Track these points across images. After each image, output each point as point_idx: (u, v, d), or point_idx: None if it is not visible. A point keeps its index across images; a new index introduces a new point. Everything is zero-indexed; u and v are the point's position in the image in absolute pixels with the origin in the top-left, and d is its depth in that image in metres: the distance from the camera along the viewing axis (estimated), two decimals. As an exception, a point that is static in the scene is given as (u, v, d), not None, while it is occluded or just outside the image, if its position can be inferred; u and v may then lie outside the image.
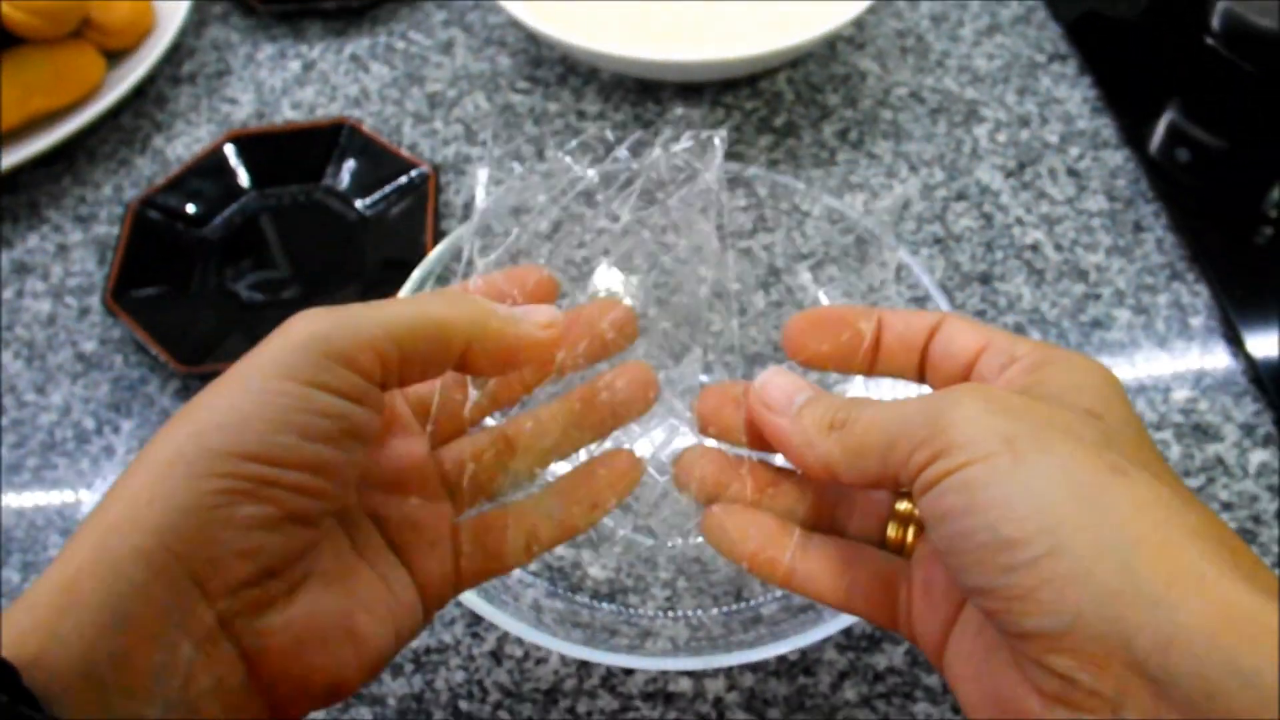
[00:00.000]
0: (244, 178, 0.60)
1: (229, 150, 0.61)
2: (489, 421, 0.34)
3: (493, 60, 0.68)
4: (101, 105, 0.62)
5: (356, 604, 0.26)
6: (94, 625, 0.21)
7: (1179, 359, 0.51)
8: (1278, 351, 0.50)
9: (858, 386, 0.43)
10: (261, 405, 0.23)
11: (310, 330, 0.25)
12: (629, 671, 0.42)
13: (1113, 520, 0.22)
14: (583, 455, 0.34)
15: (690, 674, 0.42)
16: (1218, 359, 0.51)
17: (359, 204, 0.59)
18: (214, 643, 0.23)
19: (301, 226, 0.59)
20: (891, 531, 0.30)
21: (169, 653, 0.22)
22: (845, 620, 0.35)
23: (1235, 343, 0.51)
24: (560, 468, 0.33)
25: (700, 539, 0.43)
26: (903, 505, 0.30)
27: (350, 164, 0.61)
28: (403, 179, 0.59)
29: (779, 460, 0.32)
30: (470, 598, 0.35)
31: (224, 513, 0.23)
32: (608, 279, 0.38)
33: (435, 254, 0.42)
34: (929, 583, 0.28)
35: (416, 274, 0.42)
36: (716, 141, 0.34)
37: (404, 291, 0.41)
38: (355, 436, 0.25)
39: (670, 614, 0.40)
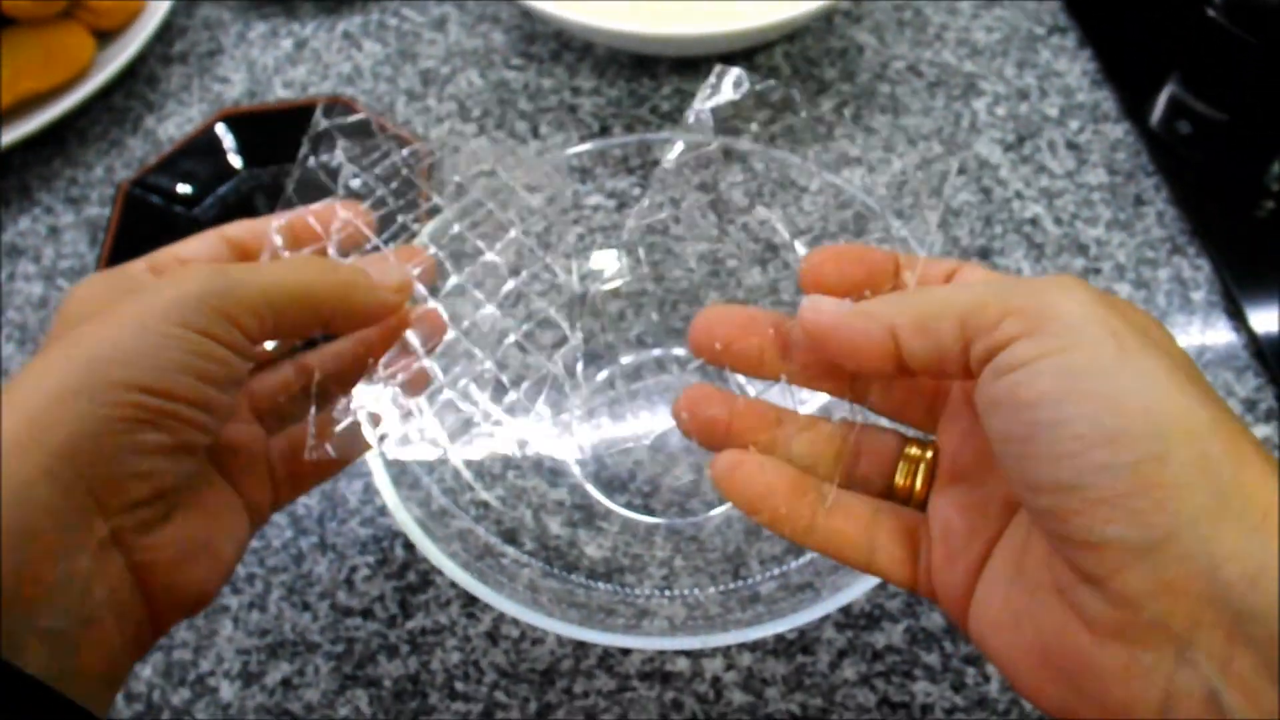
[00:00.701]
0: (236, 157, 0.60)
1: (221, 129, 0.60)
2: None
3: (486, 37, 0.67)
4: (92, 85, 0.61)
5: (213, 523, 0.29)
6: None
7: (1180, 333, 0.50)
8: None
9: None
10: (161, 346, 0.26)
11: (203, 287, 0.27)
12: (626, 651, 0.42)
13: (1221, 437, 0.21)
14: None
15: (688, 653, 0.42)
16: (1219, 333, 0.50)
17: (352, 183, 0.59)
18: (107, 555, 0.25)
19: (294, 206, 0.59)
20: (900, 478, 0.29)
21: (70, 565, 0.24)
22: (843, 598, 0.34)
23: (1237, 317, 0.50)
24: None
25: (696, 518, 0.44)
26: (913, 449, 0.29)
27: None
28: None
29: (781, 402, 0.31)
30: (465, 579, 0.35)
31: (127, 438, 0.25)
32: (604, 260, 0.38)
33: (427, 231, 0.42)
34: (948, 531, 0.27)
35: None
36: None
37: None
38: (234, 382, 0.28)
39: (667, 593, 0.39)
